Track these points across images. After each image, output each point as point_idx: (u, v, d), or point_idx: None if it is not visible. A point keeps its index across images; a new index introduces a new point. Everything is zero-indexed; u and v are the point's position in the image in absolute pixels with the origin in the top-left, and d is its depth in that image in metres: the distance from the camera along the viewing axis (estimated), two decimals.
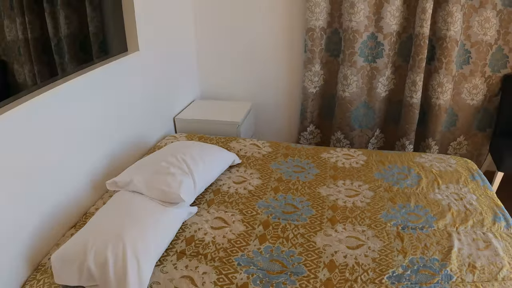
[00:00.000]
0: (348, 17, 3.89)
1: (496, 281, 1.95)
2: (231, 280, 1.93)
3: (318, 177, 2.89)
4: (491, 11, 3.89)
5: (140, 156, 3.06)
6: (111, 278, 1.81)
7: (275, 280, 1.92)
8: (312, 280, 1.93)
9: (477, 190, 2.76)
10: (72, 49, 2.44)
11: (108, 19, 2.75)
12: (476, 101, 4.18)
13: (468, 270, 2.01)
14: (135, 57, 2.94)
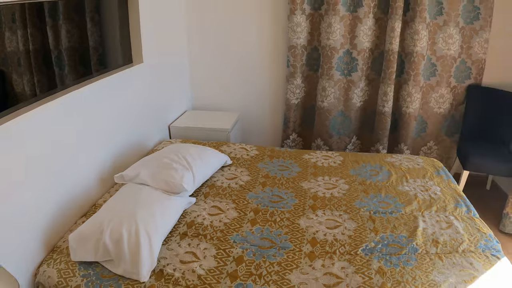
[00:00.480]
0: (326, 36, 4.24)
1: (457, 253, 2.33)
2: (228, 253, 2.26)
3: (300, 174, 3.25)
4: (454, 28, 4.29)
5: (140, 157, 3.33)
6: (125, 252, 2.09)
7: (266, 253, 2.27)
8: (297, 253, 2.28)
9: (441, 183, 3.16)
10: (76, 61, 2.67)
11: (110, 34, 3.02)
12: (443, 109, 4.55)
13: (432, 244, 2.39)
14: (139, 68, 3.24)
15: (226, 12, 4.50)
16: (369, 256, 2.27)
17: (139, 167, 2.77)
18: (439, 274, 2.14)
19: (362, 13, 4.21)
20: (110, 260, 2.15)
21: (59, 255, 2.23)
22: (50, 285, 2.08)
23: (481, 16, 4.31)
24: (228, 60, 4.67)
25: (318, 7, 4.29)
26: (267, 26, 4.52)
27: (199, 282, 2.04)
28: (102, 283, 2.05)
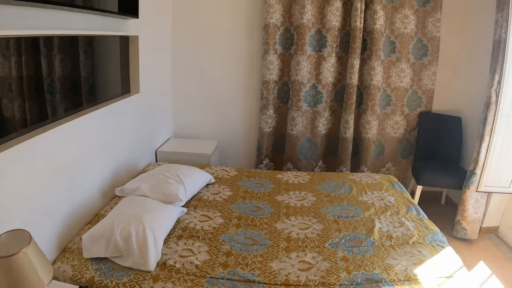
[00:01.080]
0: (295, 72, 4.78)
1: (408, 244, 2.89)
2: (219, 249, 2.72)
3: (274, 190, 3.76)
4: (405, 64, 4.91)
5: (132, 176, 3.71)
6: (134, 248, 2.50)
7: (250, 248, 2.75)
8: (276, 248, 2.78)
9: (395, 194, 3.73)
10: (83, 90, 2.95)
11: (112, 67, 3.35)
12: (399, 134, 5.14)
13: (387, 239, 2.94)
14: (136, 98, 3.63)
15: (207, 49, 4.94)
16: (334, 248, 2.78)
17: (138, 182, 3.23)
18: (392, 259, 2.68)
19: (326, 52, 4.76)
20: (119, 256, 2.53)
21: (71, 254, 2.59)
22: (65, 278, 2.41)
23: (429, 53, 4.94)
24: (208, 93, 5.07)
25: (288, 47, 4.82)
26: (244, 64, 4.99)
27: (197, 270, 2.48)
28: (114, 274, 2.42)
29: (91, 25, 2.90)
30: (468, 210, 4.31)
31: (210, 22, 4.87)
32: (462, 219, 4.34)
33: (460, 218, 4.35)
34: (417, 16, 4.88)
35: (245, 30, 4.91)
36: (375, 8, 4.65)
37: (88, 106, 2.92)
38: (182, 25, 4.84)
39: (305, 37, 4.68)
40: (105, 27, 3.12)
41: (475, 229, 4.39)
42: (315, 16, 4.72)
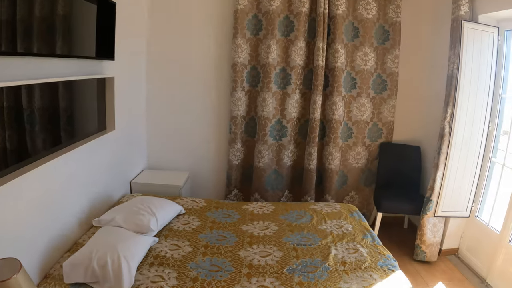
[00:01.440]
0: (261, 108, 5.06)
1: (360, 269, 3.17)
2: (187, 275, 2.96)
3: (240, 220, 4.01)
4: (365, 98, 5.26)
5: (108, 207, 3.94)
6: (110, 274, 2.72)
7: (214, 274, 3.00)
8: (238, 273, 3.03)
9: (353, 222, 4.03)
10: (62, 129, 3.15)
11: (90, 107, 3.55)
12: (361, 164, 5.45)
13: (341, 264, 3.22)
14: (111, 134, 3.85)
15: (179, 86, 5.19)
16: (291, 274, 3.06)
17: (114, 213, 3.47)
18: (344, 283, 2.96)
19: (290, 89, 5.07)
20: (96, 281, 2.75)
21: (52, 280, 2.79)
22: None
23: (388, 87, 5.30)
24: (180, 127, 5.28)
25: (255, 84, 5.12)
26: (213, 100, 5.26)
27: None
28: None
29: (71, 69, 3.14)
30: (426, 235, 4.61)
31: (182, 61, 5.12)
32: (421, 243, 4.63)
33: (419, 242, 4.65)
34: (376, 53, 5.25)
35: (214, 68, 5.18)
36: (336, 47, 4.99)
37: (67, 144, 3.14)
38: (155, 64, 5.08)
39: (271, 75, 4.99)
40: (84, 70, 3.35)
41: (433, 251, 4.69)
42: (280, 55, 5.04)
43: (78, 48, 3.14)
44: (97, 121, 3.66)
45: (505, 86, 4.44)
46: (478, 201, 4.68)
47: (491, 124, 4.46)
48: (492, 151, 4.56)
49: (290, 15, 5.01)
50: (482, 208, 4.70)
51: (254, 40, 5.02)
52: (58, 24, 2.81)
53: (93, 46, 3.34)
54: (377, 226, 4.91)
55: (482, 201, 4.69)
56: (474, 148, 4.43)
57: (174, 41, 5.07)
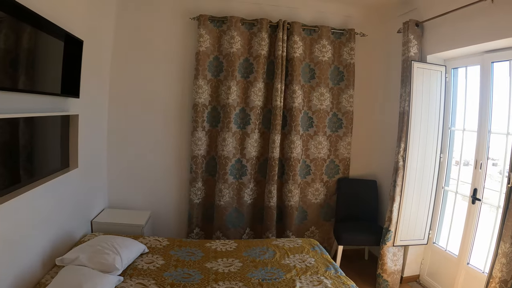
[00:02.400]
0: (221, 147, 5.15)
1: None
2: None
3: (204, 258, 4.02)
4: (322, 137, 5.43)
5: (70, 247, 3.87)
6: None
7: None
8: None
9: (315, 255, 4.12)
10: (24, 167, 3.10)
11: (53, 146, 3.53)
12: (319, 199, 5.59)
13: None
14: (74, 172, 3.85)
15: (141, 125, 5.22)
16: None
17: (77, 252, 3.44)
18: None
19: (249, 129, 5.20)
20: None
21: None
22: None
23: (344, 125, 5.52)
24: (141, 166, 5.29)
25: (215, 124, 5.22)
26: (174, 140, 5.32)
27: None
28: None
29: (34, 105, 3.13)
30: (387, 264, 4.75)
31: (144, 100, 5.19)
32: (382, 272, 4.77)
33: (380, 271, 4.78)
34: (332, 93, 5.49)
35: (175, 108, 5.28)
36: (294, 88, 5.21)
37: (28, 182, 3.08)
38: (117, 102, 5.11)
39: (231, 115, 5.11)
40: (47, 106, 3.36)
41: (395, 279, 4.83)
42: (239, 96, 5.18)
43: (43, 84, 3.14)
44: (60, 158, 3.65)
45: (454, 119, 4.73)
46: (435, 228, 4.89)
47: (442, 156, 4.72)
48: (444, 181, 4.81)
49: (249, 57, 5.19)
50: (439, 234, 4.92)
51: (214, 81, 5.16)
52: (22, 58, 2.79)
53: (58, 83, 3.35)
54: (338, 259, 5.00)
55: (438, 227, 4.91)
56: (428, 178, 4.66)
57: (137, 80, 5.14)
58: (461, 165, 4.67)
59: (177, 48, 5.20)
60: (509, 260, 3.28)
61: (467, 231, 4.32)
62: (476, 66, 4.35)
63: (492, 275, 3.42)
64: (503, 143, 3.97)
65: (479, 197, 4.18)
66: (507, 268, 3.29)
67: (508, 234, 3.27)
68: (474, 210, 4.25)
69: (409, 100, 4.50)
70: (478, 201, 4.19)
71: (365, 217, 5.52)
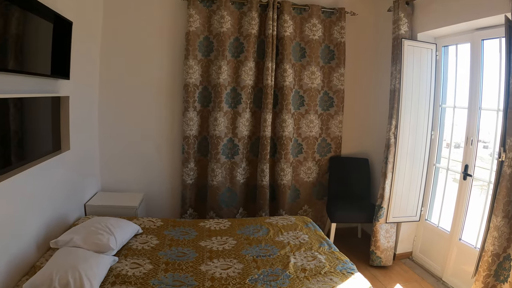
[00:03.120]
0: (213, 127, 5.15)
1: (320, 274, 3.31)
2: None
3: (198, 236, 4.05)
4: (314, 115, 5.45)
5: (63, 230, 3.84)
6: None
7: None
8: (201, 286, 3.07)
9: (309, 232, 4.17)
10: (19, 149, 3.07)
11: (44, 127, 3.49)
12: (312, 178, 5.61)
13: (301, 271, 3.34)
14: (66, 154, 3.82)
15: (132, 106, 5.19)
16: (254, 283, 3.13)
17: (71, 234, 3.44)
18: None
19: (241, 108, 5.19)
20: None
21: None
22: None
23: (335, 104, 5.53)
24: (133, 148, 5.26)
25: (207, 104, 5.21)
26: (166, 121, 5.30)
27: None
28: None
29: (24, 86, 3.10)
30: (380, 241, 4.80)
31: (135, 81, 5.14)
32: (375, 249, 4.82)
33: (373, 248, 4.84)
34: (323, 72, 5.49)
35: (166, 89, 5.24)
36: (285, 67, 5.19)
37: (19, 164, 3.05)
38: (108, 84, 5.06)
39: (222, 95, 5.10)
40: (37, 88, 3.33)
41: (388, 256, 4.89)
42: (230, 75, 5.17)
43: (33, 65, 3.11)
44: (51, 141, 3.63)
45: (445, 97, 4.75)
46: (427, 205, 4.96)
47: (433, 133, 4.73)
48: (436, 158, 4.85)
49: (240, 37, 5.16)
50: (431, 211, 4.98)
51: (205, 61, 5.13)
52: (11, 39, 2.76)
53: (48, 64, 3.32)
54: (332, 236, 5.06)
55: (430, 204, 4.97)
56: (419, 155, 4.70)
57: (127, 62, 5.10)
58: (452, 147, 4.72)
59: (167, 28, 5.15)
60: (501, 234, 3.32)
61: (458, 207, 4.38)
62: (466, 44, 4.36)
63: (484, 249, 3.46)
64: (493, 121, 4.00)
65: (470, 173, 4.22)
66: (499, 242, 3.34)
67: (499, 208, 3.31)
68: (465, 186, 4.29)
69: (400, 78, 4.52)
70: (469, 177, 4.23)
71: (357, 195, 5.56)
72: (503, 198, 3.28)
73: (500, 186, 3.32)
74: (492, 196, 3.43)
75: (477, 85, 4.14)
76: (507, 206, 3.28)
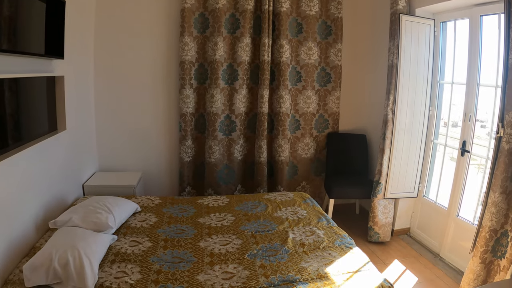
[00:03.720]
0: (210, 104, 5.12)
1: (318, 249, 3.33)
2: (150, 269, 2.98)
3: (196, 213, 4.07)
4: (311, 91, 5.43)
5: (62, 210, 3.83)
6: (72, 273, 2.69)
7: (177, 266, 3.03)
8: (200, 263, 3.08)
9: (307, 208, 4.19)
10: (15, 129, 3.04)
11: (40, 107, 3.47)
12: (310, 154, 5.62)
13: (300, 246, 3.36)
14: (62, 135, 3.80)
15: (128, 85, 5.15)
16: (253, 259, 3.15)
17: (70, 214, 3.43)
18: (305, 262, 3.10)
19: (237, 85, 5.17)
20: (59, 282, 2.71)
21: (13, 285, 2.72)
22: None
23: (332, 80, 5.51)
24: (130, 127, 5.25)
25: (203, 81, 5.17)
26: (162, 99, 5.27)
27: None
28: None
29: (19, 67, 3.07)
30: (378, 216, 4.82)
31: (130, 59, 5.10)
32: (374, 225, 4.84)
33: (372, 224, 4.85)
34: (320, 47, 5.44)
35: (162, 66, 5.19)
36: (281, 43, 5.14)
37: (16, 145, 3.02)
38: (103, 63, 5.01)
39: (218, 72, 5.06)
40: (32, 68, 3.30)
41: (386, 232, 4.90)
42: (226, 52, 5.12)
43: (27, 45, 3.07)
44: (47, 121, 3.60)
45: (443, 73, 4.71)
46: (425, 181, 4.95)
47: (431, 109, 4.70)
48: (434, 134, 4.83)
49: (236, 12, 5.11)
50: (429, 187, 4.99)
51: (201, 38, 5.08)
52: (4, 20, 2.72)
53: (42, 44, 3.28)
54: (330, 212, 5.07)
55: (428, 180, 4.97)
56: (417, 131, 4.68)
57: (122, 40, 5.04)
58: (449, 126, 4.71)
59: (162, 5, 5.09)
60: (499, 210, 3.32)
61: (456, 183, 4.38)
62: (465, 20, 4.31)
63: (482, 225, 3.46)
64: (491, 99, 3.97)
65: (468, 149, 4.21)
66: (497, 218, 3.34)
67: (497, 183, 3.30)
68: (463, 162, 4.29)
69: (398, 53, 4.48)
70: (467, 153, 4.23)
71: (355, 171, 5.57)
72: (501, 174, 3.27)
73: (498, 162, 3.31)
74: (490, 172, 3.41)
75: (475, 61, 4.09)
76: (505, 182, 3.27)
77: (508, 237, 3.26)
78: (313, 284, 2.80)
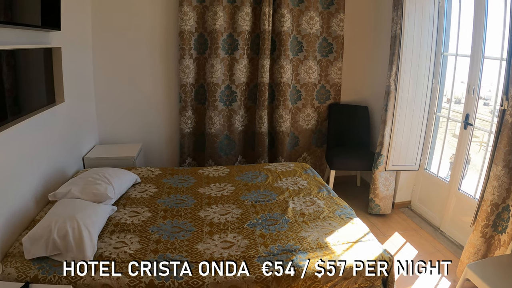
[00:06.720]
0: (210, 75, 5.06)
1: (319, 219, 3.32)
2: (149, 238, 2.99)
3: (196, 184, 4.07)
4: (312, 61, 5.35)
5: (63, 183, 3.78)
6: (71, 244, 2.69)
7: (176, 235, 3.04)
8: (200, 232, 3.08)
9: (308, 178, 4.18)
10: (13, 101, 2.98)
11: (38, 80, 3.41)
12: (311, 125, 5.58)
13: (300, 216, 3.36)
14: (61, 107, 3.75)
15: (127, 57, 5.06)
16: (253, 228, 3.15)
17: (69, 186, 3.43)
18: (305, 232, 3.09)
19: (238, 54, 5.10)
20: (58, 253, 2.71)
21: (13, 258, 2.72)
22: (11, 279, 2.55)
23: (334, 50, 5.42)
24: (129, 99, 5.19)
25: (203, 52, 5.10)
26: (162, 69, 5.19)
27: (130, 258, 2.73)
28: (56, 269, 2.59)
29: (14, 38, 3.02)
30: (379, 188, 4.82)
31: (129, 30, 5.01)
32: (374, 197, 4.84)
33: (372, 196, 4.86)
34: (321, 17, 5.34)
35: (161, 36, 5.11)
36: (282, 12, 5.05)
37: (14, 118, 2.99)
38: (101, 34, 4.93)
39: (218, 42, 4.98)
40: (28, 40, 3.25)
41: (387, 204, 4.91)
42: (226, 21, 5.04)
43: (22, 16, 3.01)
44: (45, 93, 3.56)
45: (447, 44, 4.63)
46: (426, 154, 4.91)
47: (435, 81, 4.63)
48: (436, 107, 4.76)
49: None
50: (431, 160, 4.94)
51: (200, 7, 4.99)
52: None
53: (38, 15, 3.22)
54: (331, 184, 5.06)
55: (430, 154, 4.92)
56: (419, 104, 4.62)
57: (120, 10, 4.94)
58: (452, 102, 4.66)
59: None
60: (501, 183, 3.29)
61: (458, 156, 4.34)
62: None
63: (483, 198, 3.44)
64: (495, 73, 3.89)
65: (471, 122, 4.16)
66: (499, 192, 3.31)
67: (500, 157, 3.27)
68: (466, 135, 4.24)
69: (401, 24, 4.40)
70: (470, 126, 4.17)
71: (357, 143, 5.53)
72: (504, 147, 3.23)
73: (502, 135, 3.26)
74: (493, 145, 3.37)
75: (480, 33, 3.98)
76: (508, 155, 3.23)
77: (510, 211, 3.24)
78: (312, 253, 2.80)
